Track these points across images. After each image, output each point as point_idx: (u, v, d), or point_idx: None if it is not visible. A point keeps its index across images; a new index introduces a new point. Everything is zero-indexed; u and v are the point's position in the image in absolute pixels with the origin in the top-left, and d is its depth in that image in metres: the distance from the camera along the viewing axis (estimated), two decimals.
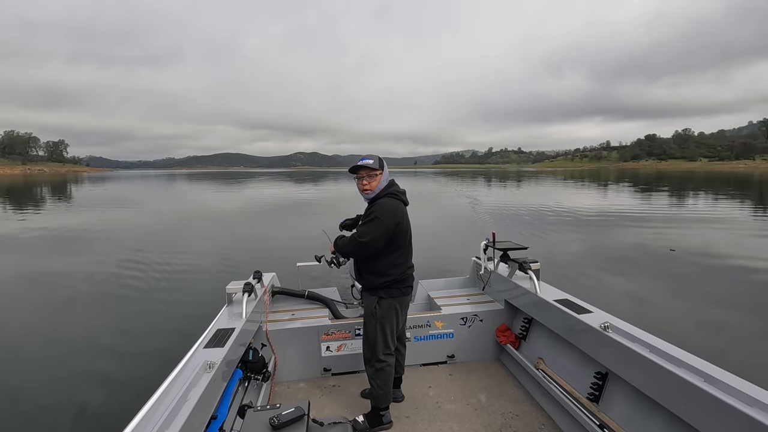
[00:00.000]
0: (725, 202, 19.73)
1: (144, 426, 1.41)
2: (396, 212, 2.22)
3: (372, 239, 2.18)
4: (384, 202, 2.24)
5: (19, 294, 6.27)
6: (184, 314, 5.16)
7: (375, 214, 2.19)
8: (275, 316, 3.16)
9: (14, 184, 51.22)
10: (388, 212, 2.19)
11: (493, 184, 43.10)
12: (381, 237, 2.19)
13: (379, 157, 2.32)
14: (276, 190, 34.53)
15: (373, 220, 2.19)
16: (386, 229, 2.18)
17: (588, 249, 9.12)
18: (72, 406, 3.32)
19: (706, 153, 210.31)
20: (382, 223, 2.17)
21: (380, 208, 2.21)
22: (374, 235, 2.18)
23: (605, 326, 2.09)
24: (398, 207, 2.26)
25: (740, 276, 6.93)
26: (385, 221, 2.17)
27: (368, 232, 2.19)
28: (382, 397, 2.39)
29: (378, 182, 2.28)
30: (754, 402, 1.42)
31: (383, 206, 2.22)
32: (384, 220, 2.17)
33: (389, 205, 2.23)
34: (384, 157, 2.35)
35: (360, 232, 2.23)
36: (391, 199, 2.26)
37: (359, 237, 2.22)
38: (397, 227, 2.22)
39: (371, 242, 2.19)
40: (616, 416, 2.03)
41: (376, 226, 2.18)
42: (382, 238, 2.19)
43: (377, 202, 2.26)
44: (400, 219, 2.23)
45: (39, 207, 20.66)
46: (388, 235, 2.20)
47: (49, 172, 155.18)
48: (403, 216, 2.28)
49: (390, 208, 2.21)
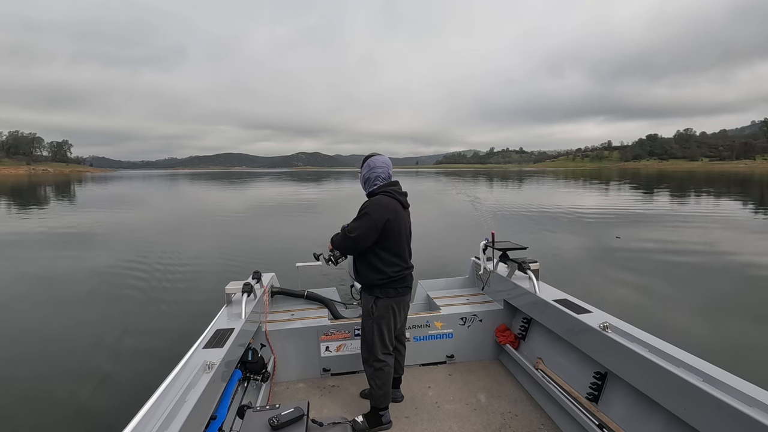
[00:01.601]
0: (725, 203, 19.68)
1: (143, 426, 1.41)
2: (386, 209, 2.25)
3: (360, 234, 2.23)
4: (377, 198, 2.30)
5: (19, 293, 6.28)
6: (183, 314, 5.17)
7: (366, 210, 2.25)
8: (274, 316, 3.16)
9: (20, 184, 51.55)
10: (378, 208, 2.24)
11: (492, 184, 43.11)
12: (369, 232, 2.23)
13: (365, 156, 2.44)
14: (276, 191, 34.56)
15: (363, 216, 2.24)
16: (374, 225, 2.22)
17: (587, 249, 9.12)
18: (71, 406, 3.32)
19: (708, 153, 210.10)
20: (370, 219, 2.21)
21: (372, 204, 2.26)
22: (363, 230, 2.22)
23: (604, 326, 2.09)
24: (390, 204, 2.29)
25: (741, 276, 6.92)
26: (373, 217, 2.21)
27: (357, 227, 2.24)
28: (381, 397, 2.39)
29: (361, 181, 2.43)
30: (753, 402, 1.42)
31: (374, 202, 2.27)
32: (373, 216, 2.22)
33: (381, 201, 2.27)
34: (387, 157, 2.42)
35: (350, 227, 2.30)
36: (384, 197, 2.30)
37: (348, 232, 2.28)
38: (387, 224, 2.24)
39: (359, 237, 2.23)
40: (615, 416, 2.03)
41: (364, 221, 2.23)
42: (371, 234, 2.23)
43: (371, 198, 2.33)
44: (390, 216, 2.25)
45: (43, 206, 20.74)
46: (377, 231, 2.23)
47: (53, 172, 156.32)
48: (395, 214, 2.29)
49: (381, 204, 2.26)
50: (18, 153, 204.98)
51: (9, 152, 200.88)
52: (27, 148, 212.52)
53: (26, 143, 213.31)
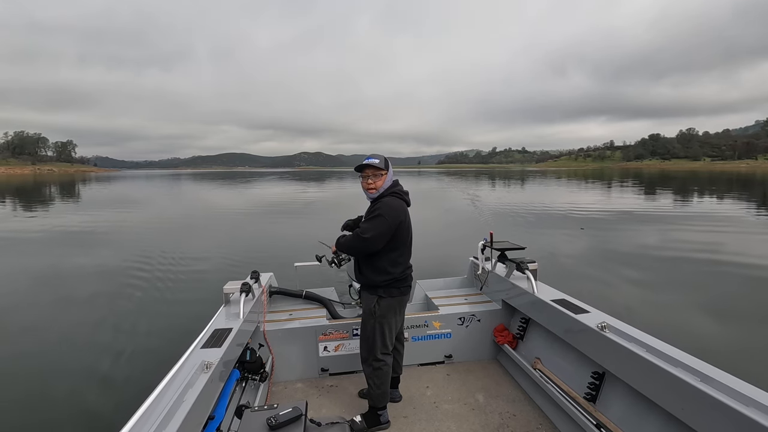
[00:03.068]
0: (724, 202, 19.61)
1: (141, 426, 1.42)
2: (399, 211, 2.26)
3: (374, 236, 2.21)
4: (388, 200, 2.28)
5: (19, 292, 6.29)
6: (181, 314, 5.17)
7: (379, 211, 2.23)
8: (273, 316, 3.17)
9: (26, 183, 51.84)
10: (391, 210, 2.23)
11: (492, 183, 43.05)
12: (383, 234, 2.22)
13: (384, 157, 2.35)
14: (278, 190, 34.58)
15: (377, 217, 2.22)
16: (389, 227, 2.21)
17: (586, 249, 9.09)
18: (69, 405, 3.33)
19: (710, 152, 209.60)
20: (385, 221, 2.20)
21: (384, 206, 2.24)
22: (377, 231, 2.21)
23: (602, 326, 2.09)
24: (401, 206, 2.31)
25: (742, 275, 6.90)
26: (388, 219, 2.21)
27: (371, 228, 2.22)
28: (379, 397, 2.39)
29: (383, 182, 2.31)
30: (750, 401, 1.42)
31: (387, 204, 2.25)
32: (387, 217, 2.21)
33: (393, 204, 2.27)
34: (388, 157, 2.38)
35: (363, 228, 2.26)
36: (394, 198, 2.30)
37: (362, 233, 2.24)
38: (400, 226, 2.26)
39: (373, 238, 2.21)
40: (613, 416, 2.03)
41: (379, 223, 2.21)
42: (385, 236, 2.23)
43: (381, 200, 2.30)
44: (402, 218, 2.28)
45: (48, 205, 20.82)
46: (390, 233, 2.23)
47: (58, 172, 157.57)
48: (405, 215, 2.32)
49: (394, 207, 2.25)
50: (23, 153, 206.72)
51: (14, 152, 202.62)
52: (32, 148, 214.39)
53: (31, 143, 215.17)
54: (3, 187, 41.75)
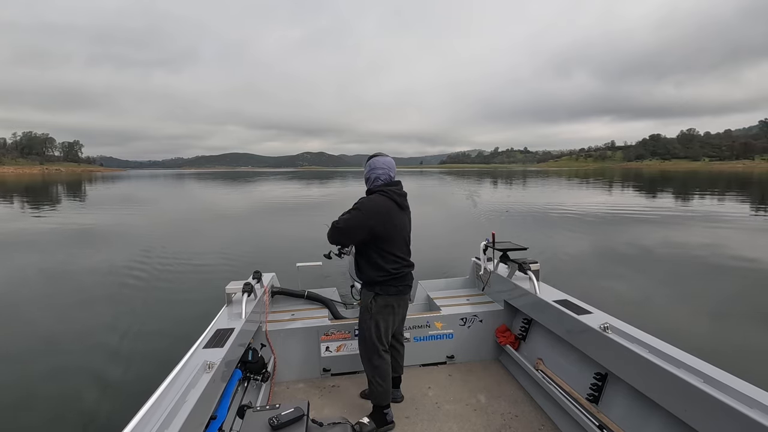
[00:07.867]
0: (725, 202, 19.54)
1: (143, 426, 1.42)
2: (378, 206, 2.29)
3: (346, 226, 2.28)
4: (371, 196, 2.35)
5: (18, 291, 6.31)
6: (183, 314, 5.17)
7: (356, 205, 2.31)
8: (275, 316, 3.17)
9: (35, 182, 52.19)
10: (369, 205, 2.29)
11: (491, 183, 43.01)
12: (357, 227, 2.26)
13: (370, 157, 2.46)
14: (280, 191, 34.62)
15: (352, 210, 2.31)
16: (362, 221, 2.25)
17: (587, 249, 9.08)
18: (71, 405, 3.33)
19: (710, 153, 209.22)
20: (360, 214, 2.26)
21: (363, 200, 2.33)
22: (350, 223, 2.27)
23: (605, 327, 2.08)
24: (384, 203, 2.32)
25: (744, 275, 6.87)
26: (363, 213, 2.26)
27: (345, 219, 2.31)
28: (382, 395, 2.39)
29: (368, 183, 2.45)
30: (753, 403, 1.41)
31: (367, 199, 2.34)
32: (362, 210, 2.27)
33: (374, 199, 2.32)
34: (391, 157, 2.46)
35: (339, 219, 2.34)
36: (379, 195, 2.34)
37: (336, 222, 2.33)
38: (383, 221, 2.28)
39: (345, 229, 2.28)
40: (616, 417, 2.02)
41: (353, 215, 2.28)
42: (359, 229, 2.27)
43: (366, 196, 2.39)
44: (384, 214, 2.29)
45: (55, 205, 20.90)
46: (366, 227, 2.26)
47: (65, 171, 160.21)
48: (387, 212, 2.31)
49: (373, 202, 2.31)
50: (31, 153, 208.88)
51: (23, 152, 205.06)
52: (40, 148, 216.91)
53: (39, 143, 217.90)
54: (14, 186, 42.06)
